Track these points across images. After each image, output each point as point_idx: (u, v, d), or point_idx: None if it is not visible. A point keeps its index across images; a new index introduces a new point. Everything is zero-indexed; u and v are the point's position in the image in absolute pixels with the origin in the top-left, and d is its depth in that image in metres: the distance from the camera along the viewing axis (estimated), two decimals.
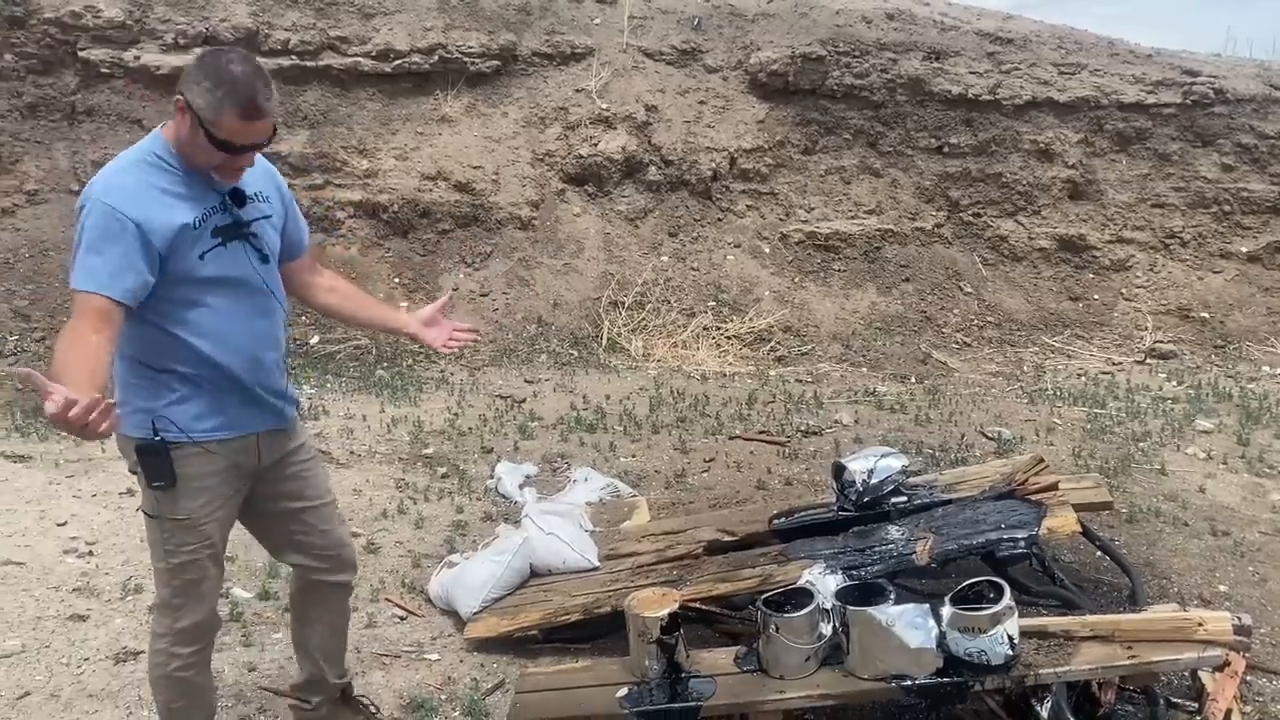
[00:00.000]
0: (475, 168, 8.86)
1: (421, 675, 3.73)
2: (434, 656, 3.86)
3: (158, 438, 2.59)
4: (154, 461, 2.60)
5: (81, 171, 8.04)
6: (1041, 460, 4.36)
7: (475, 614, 4.02)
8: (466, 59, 9.19)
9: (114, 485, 5.21)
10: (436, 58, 9.11)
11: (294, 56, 8.73)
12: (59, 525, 4.74)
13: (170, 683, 2.87)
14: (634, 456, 5.96)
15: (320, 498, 3.00)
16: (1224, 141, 10.10)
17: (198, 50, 8.33)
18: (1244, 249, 9.93)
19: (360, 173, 8.51)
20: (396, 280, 8.30)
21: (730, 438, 6.32)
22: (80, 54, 8.23)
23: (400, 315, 3.24)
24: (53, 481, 5.22)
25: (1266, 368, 8.58)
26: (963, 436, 6.31)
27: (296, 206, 2.98)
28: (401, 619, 4.11)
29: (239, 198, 2.68)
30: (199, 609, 2.81)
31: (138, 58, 8.34)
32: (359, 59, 8.90)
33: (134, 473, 2.72)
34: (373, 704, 3.37)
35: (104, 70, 8.29)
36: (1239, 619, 3.40)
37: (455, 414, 6.56)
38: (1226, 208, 10.02)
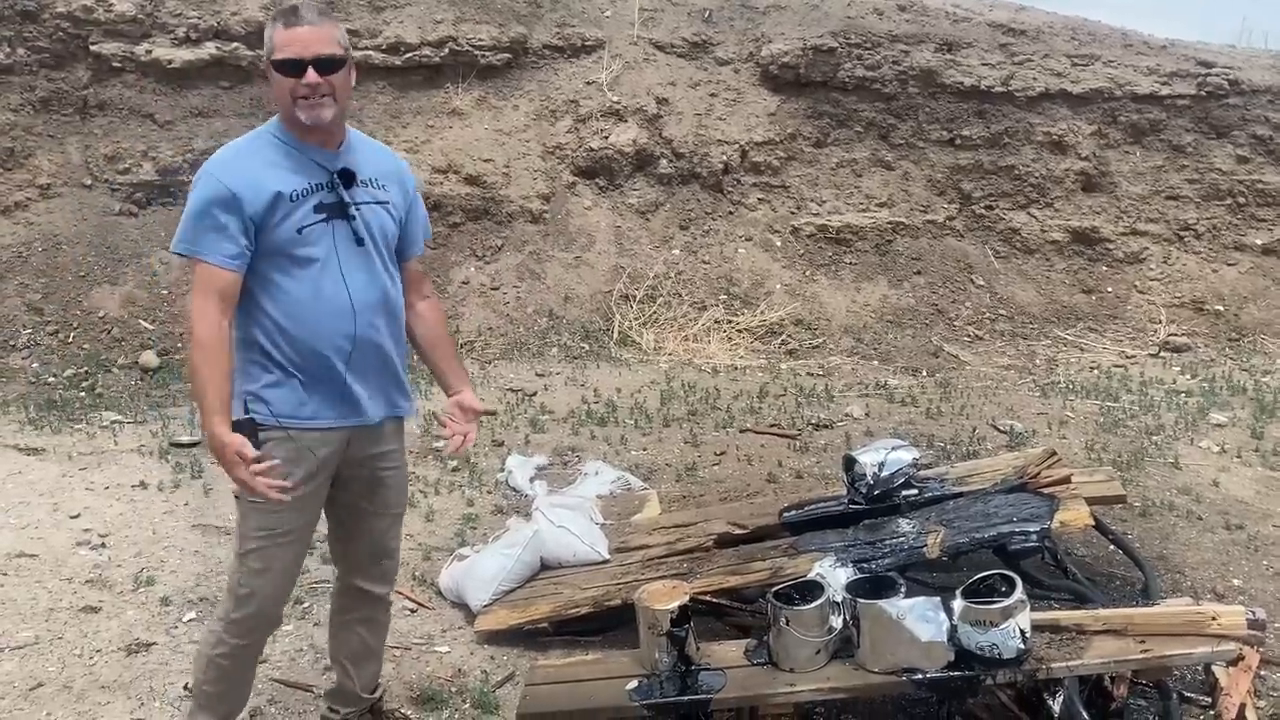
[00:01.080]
0: (486, 161, 8.86)
1: (432, 668, 3.73)
2: (444, 649, 3.87)
3: (247, 416, 2.62)
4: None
5: (94, 166, 8.07)
6: (1054, 453, 4.34)
7: (485, 606, 4.02)
8: (477, 52, 9.19)
9: (127, 478, 5.24)
10: (447, 50, 9.10)
11: None
12: (72, 518, 4.76)
13: (209, 664, 2.87)
14: (645, 450, 5.96)
15: (389, 508, 2.96)
16: (1239, 133, 10.03)
17: (209, 44, 8.42)
18: (1259, 241, 9.86)
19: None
20: None
21: (741, 431, 6.31)
22: (92, 48, 8.25)
23: (455, 381, 3.01)
24: (65, 474, 5.25)
25: None
26: (974, 430, 6.29)
27: (422, 208, 2.97)
28: (412, 611, 4.12)
29: (348, 177, 2.68)
30: (260, 605, 2.77)
31: (149, 52, 8.35)
32: (369, 52, 8.90)
33: None
34: (405, 714, 3.36)
35: (116, 64, 8.31)
36: (1253, 613, 3.39)
37: None
38: (1241, 199, 9.95)
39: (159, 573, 4.31)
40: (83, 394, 6.68)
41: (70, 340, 7.22)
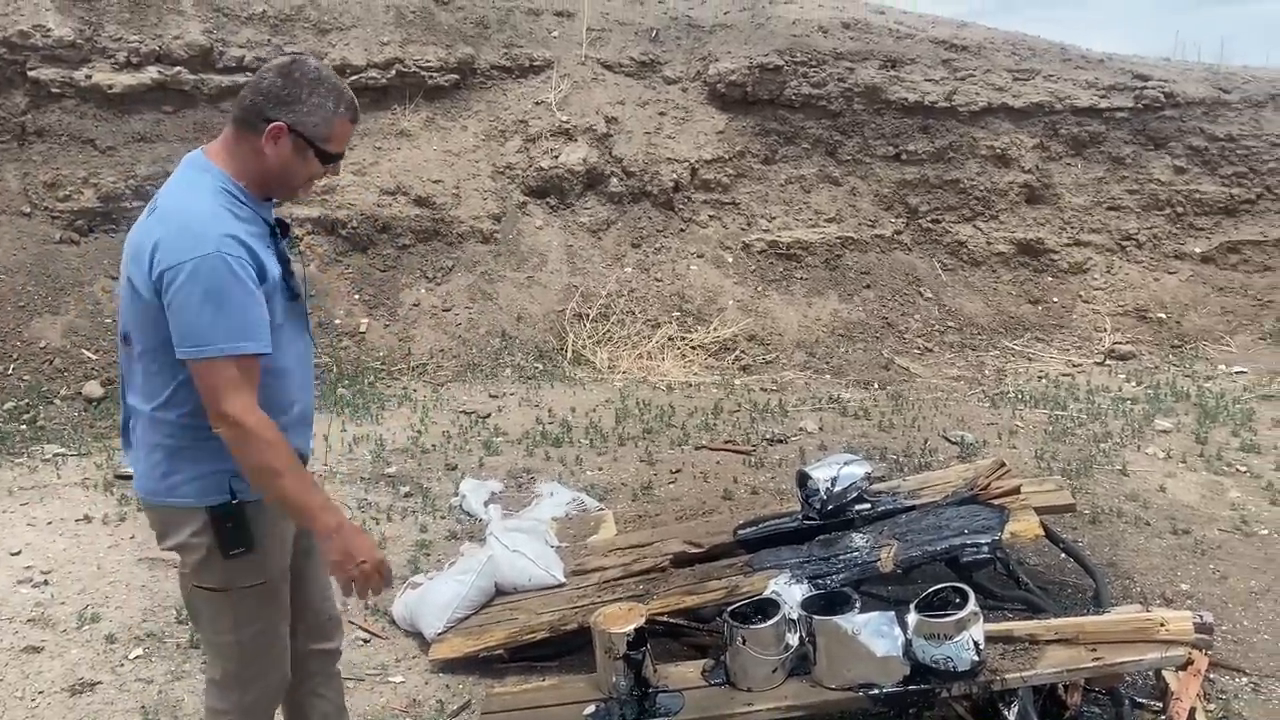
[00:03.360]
0: (435, 182, 8.82)
1: (386, 698, 3.68)
2: (399, 679, 3.82)
3: (235, 500, 2.34)
4: (233, 527, 2.34)
5: (33, 193, 7.90)
6: (1003, 464, 4.39)
7: (440, 635, 3.98)
8: (424, 73, 9.15)
9: (70, 512, 5.12)
10: (394, 72, 9.06)
11: (249, 74, 8.61)
12: (12, 554, 4.64)
13: None
14: (600, 469, 5.94)
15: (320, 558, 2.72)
16: (1175, 144, 10.27)
17: (150, 68, 8.30)
18: (1197, 250, 10.09)
19: (318, 189, 8.43)
20: (357, 297, 8.23)
21: (697, 448, 6.31)
22: (30, 74, 8.08)
23: None
24: (6, 510, 5.12)
25: (1222, 366, 8.71)
26: (926, 441, 6.34)
27: None
28: (365, 641, 4.06)
29: (284, 228, 2.48)
30: (269, 677, 2.56)
31: (89, 77, 8.21)
32: None
33: (177, 548, 2.43)
34: None
35: (54, 90, 8.15)
36: (1200, 617, 3.44)
37: (418, 431, 6.50)
38: (1180, 209, 10.18)
39: (104, 609, 4.21)
40: (24, 427, 6.53)
41: (10, 372, 7.05)
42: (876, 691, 3.05)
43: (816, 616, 3.12)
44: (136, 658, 3.88)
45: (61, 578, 4.49)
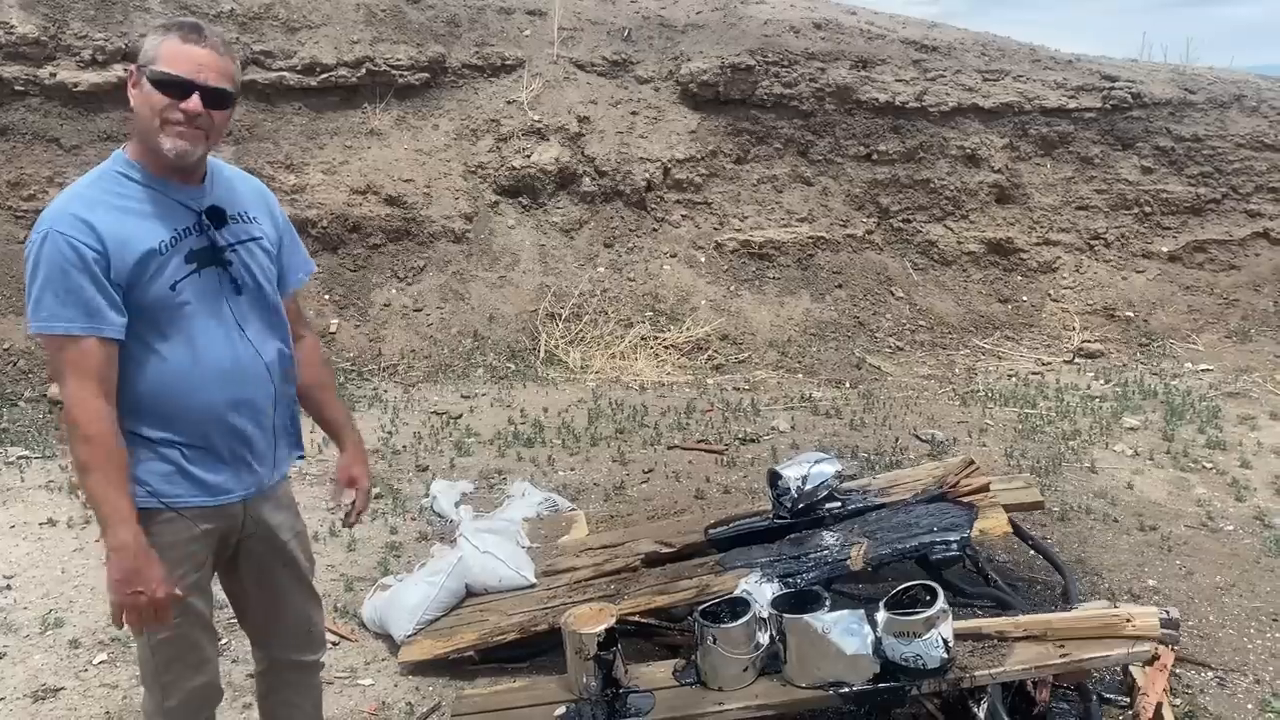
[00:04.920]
0: (406, 181, 8.77)
1: (355, 701, 3.65)
2: (368, 682, 3.79)
3: None
4: None
5: None
6: (972, 462, 4.42)
7: (410, 637, 3.95)
8: (395, 71, 9.10)
9: (33, 516, 5.04)
10: (364, 71, 9.00)
11: None
12: None
13: None
14: (572, 470, 5.93)
15: (300, 573, 2.70)
16: (1143, 144, 10.36)
17: (116, 66, 8.20)
18: (1165, 249, 10.19)
19: (288, 188, 8.37)
20: (327, 297, 8.16)
21: (669, 448, 6.31)
22: None
23: (346, 436, 2.86)
24: None
25: (1189, 364, 8.80)
26: (897, 439, 6.37)
27: (295, 236, 2.64)
28: (334, 644, 4.02)
29: (217, 216, 2.37)
30: (191, 680, 2.47)
31: (54, 75, 8.11)
32: (284, 73, 8.76)
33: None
34: None
35: (18, 88, 8.05)
36: (1167, 613, 3.48)
37: (390, 432, 6.46)
38: (1147, 209, 10.28)
39: (68, 613, 4.15)
40: None
41: None
42: (847, 689, 3.05)
43: (787, 615, 3.12)
44: (101, 663, 3.83)
45: (24, 582, 4.42)
